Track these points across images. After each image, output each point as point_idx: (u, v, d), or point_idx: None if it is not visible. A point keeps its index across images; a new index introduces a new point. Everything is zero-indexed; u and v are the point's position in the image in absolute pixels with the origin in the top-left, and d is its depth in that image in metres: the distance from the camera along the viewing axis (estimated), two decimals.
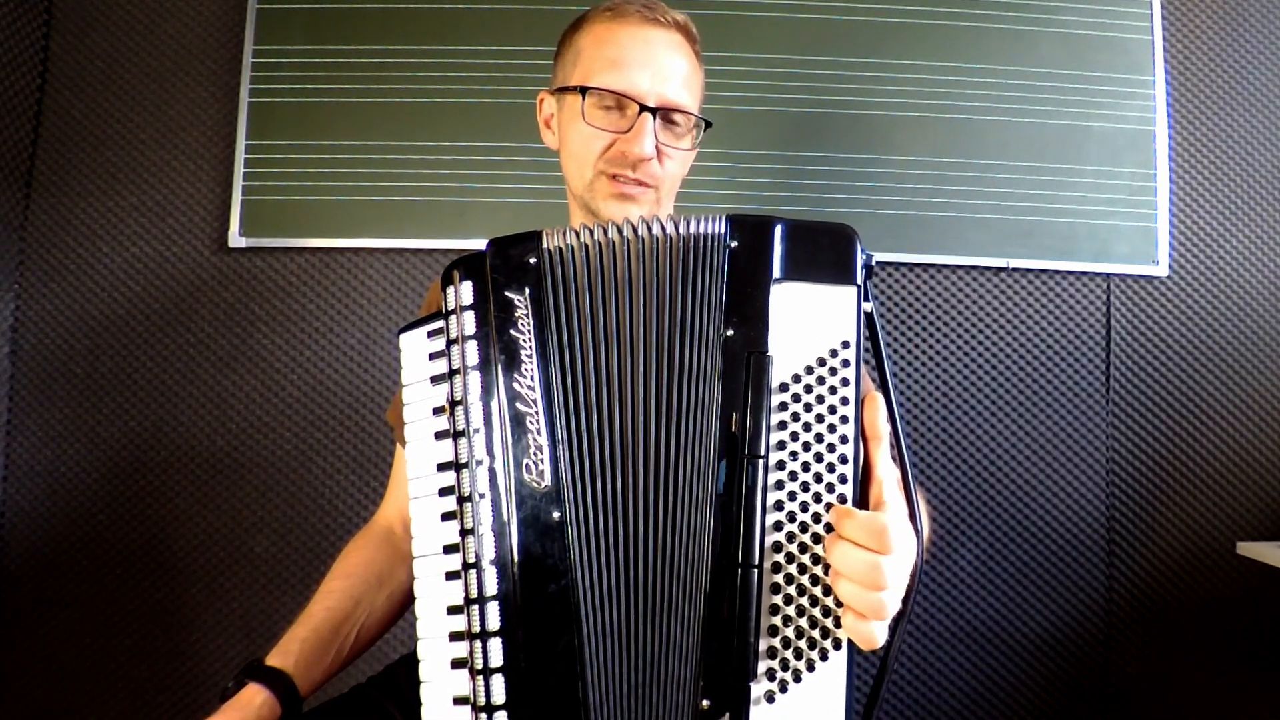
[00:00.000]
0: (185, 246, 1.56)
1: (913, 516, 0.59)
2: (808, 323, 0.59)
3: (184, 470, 1.53)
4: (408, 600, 0.86)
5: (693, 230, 0.62)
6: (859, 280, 0.59)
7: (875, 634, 0.54)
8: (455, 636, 0.60)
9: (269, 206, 1.55)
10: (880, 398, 0.58)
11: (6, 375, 1.53)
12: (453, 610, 0.61)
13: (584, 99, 0.83)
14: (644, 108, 0.81)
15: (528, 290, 0.62)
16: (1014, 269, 1.56)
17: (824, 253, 0.60)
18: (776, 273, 0.60)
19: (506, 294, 0.62)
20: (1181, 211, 1.59)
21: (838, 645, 0.56)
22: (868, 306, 0.60)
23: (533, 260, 0.63)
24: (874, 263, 0.61)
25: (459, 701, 0.59)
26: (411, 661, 0.71)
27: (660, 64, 0.83)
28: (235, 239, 1.54)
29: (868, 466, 0.58)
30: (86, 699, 1.50)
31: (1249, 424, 1.57)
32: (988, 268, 1.57)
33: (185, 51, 1.58)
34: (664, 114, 0.83)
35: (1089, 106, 1.57)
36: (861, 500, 0.58)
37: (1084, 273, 1.57)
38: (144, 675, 1.50)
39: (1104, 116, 1.57)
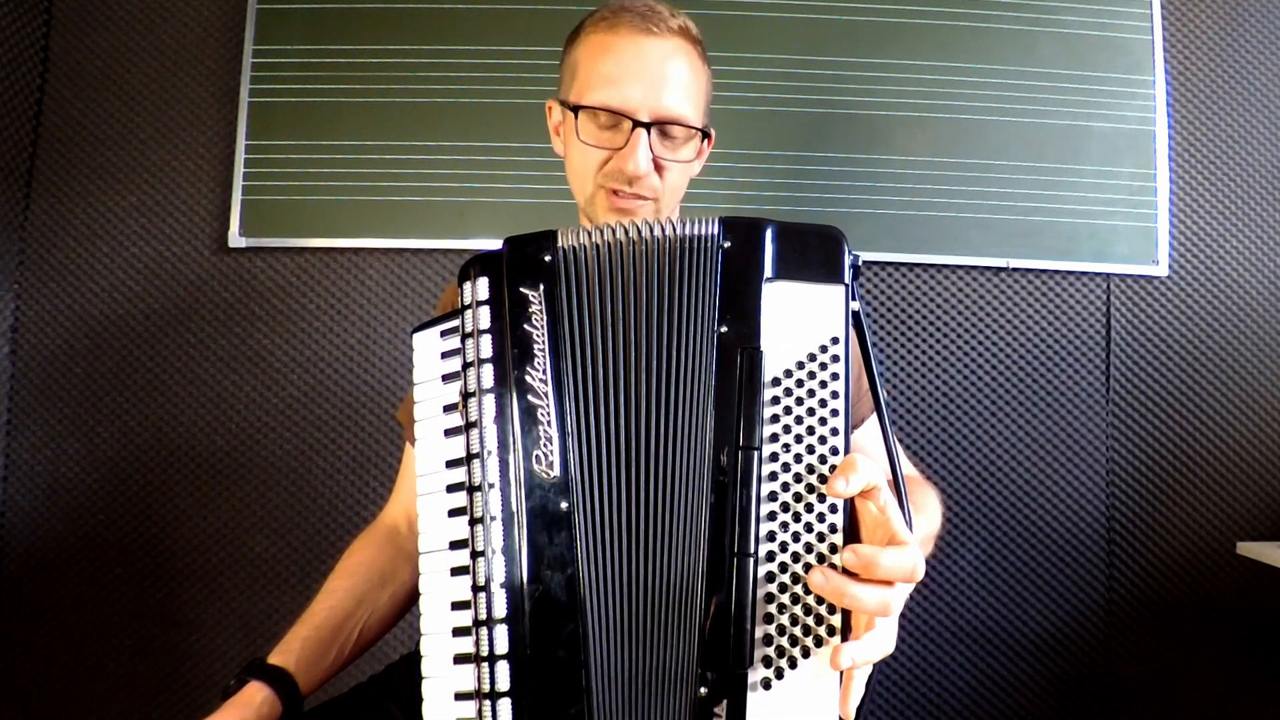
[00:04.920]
0: (185, 246, 1.56)
1: (902, 505, 0.59)
2: (798, 320, 0.61)
3: (184, 470, 1.53)
4: (410, 599, 0.87)
5: (688, 232, 0.63)
6: (847, 279, 0.61)
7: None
8: (459, 631, 0.61)
9: (269, 206, 1.55)
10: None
11: (6, 375, 1.53)
12: (457, 605, 0.61)
13: (577, 118, 0.83)
14: (637, 123, 0.81)
15: (542, 286, 0.63)
16: (1014, 269, 1.57)
17: (813, 253, 0.62)
18: (768, 272, 0.61)
19: (522, 289, 0.63)
20: (1181, 211, 1.59)
21: (832, 632, 0.57)
22: (855, 305, 0.62)
23: (548, 258, 0.64)
24: (861, 263, 0.63)
25: (461, 697, 0.60)
26: (412, 660, 0.71)
27: (654, 76, 0.81)
28: (235, 239, 1.54)
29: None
30: (86, 699, 1.50)
31: (1249, 424, 1.57)
32: (988, 268, 1.57)
33: (185, 51, 1.59)
34: (659, 127, 0.82)
35: (1089, 106, 1.57)
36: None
37: (1084, 273, 1.57)
38: (144, 675, 1.50)
39: (1104, 116, 1.57)
